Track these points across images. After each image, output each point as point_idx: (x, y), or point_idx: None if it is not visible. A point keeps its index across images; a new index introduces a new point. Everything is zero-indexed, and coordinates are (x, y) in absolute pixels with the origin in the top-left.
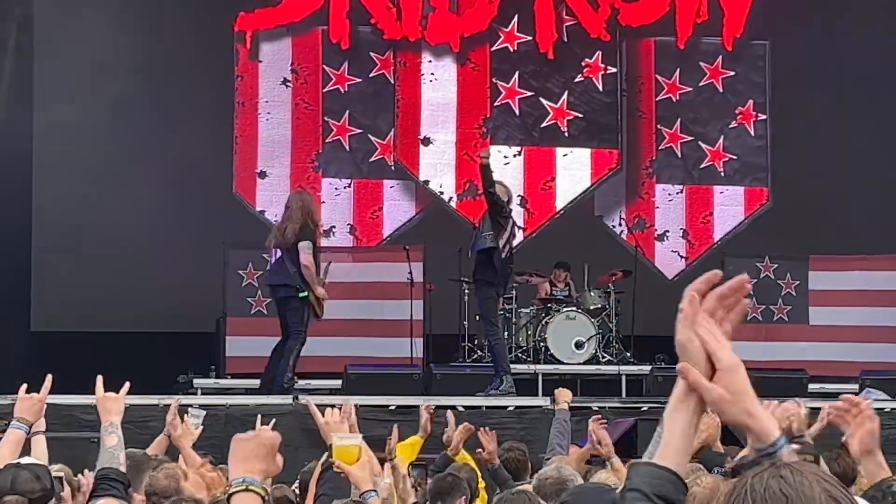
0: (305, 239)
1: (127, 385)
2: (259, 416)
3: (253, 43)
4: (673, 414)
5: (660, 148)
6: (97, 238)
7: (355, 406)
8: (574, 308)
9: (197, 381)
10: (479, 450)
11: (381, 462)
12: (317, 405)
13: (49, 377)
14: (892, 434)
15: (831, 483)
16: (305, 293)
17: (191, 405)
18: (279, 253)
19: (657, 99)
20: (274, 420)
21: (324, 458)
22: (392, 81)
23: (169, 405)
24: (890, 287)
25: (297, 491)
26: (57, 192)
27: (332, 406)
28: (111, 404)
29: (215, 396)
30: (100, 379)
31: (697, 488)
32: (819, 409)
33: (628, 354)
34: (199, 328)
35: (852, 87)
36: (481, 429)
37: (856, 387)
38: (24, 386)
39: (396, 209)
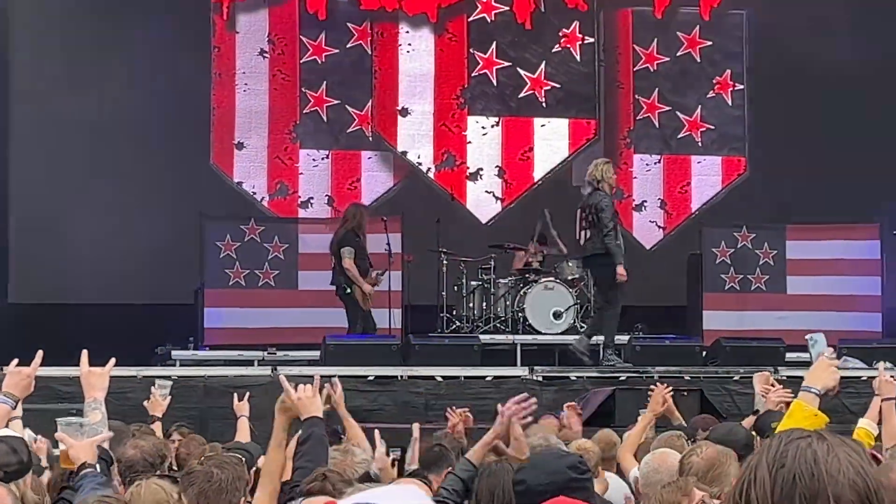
0: (346, 245)
1: (112, 361)
2: (235, 393)
3: (230, 14)
4: None
5: (637, 118)
6: (75, 210)
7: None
8: (552, 278)
9: (175, 353)
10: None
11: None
12: (296, 375)
13: (39, 353)
14: (870, 402)
15: (863, 472)
16: (350, 290)
17: (158, 377)
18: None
19: (635, 69)
20: (248, 393)
21: (300, 432)
22: (369, 52)
23: (148, 377)
24: (866, 256)
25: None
26: (34, 163)
27: (313, 377)
28: (96, 380)
29: (193, 368)
30: (85, 353)
31: (695, 458)
32: (798, 377)
33: None
34: (177, 300)
35: (829, 55)
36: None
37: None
38: (16, 360)
39: (374, 180)
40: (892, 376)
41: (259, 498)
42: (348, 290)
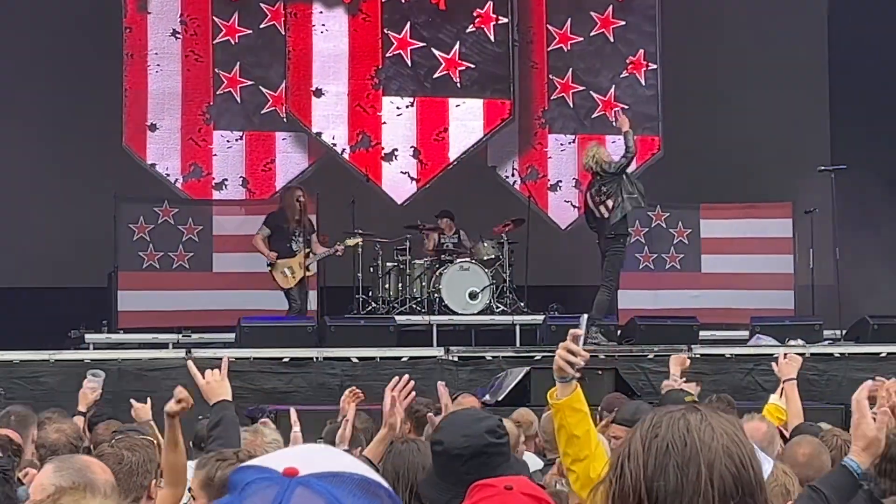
0: (264, 223)
1: None
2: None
3: None
4: None
5: (552, 98)
6: None
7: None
8: (468, 259)
9: (88, 336)
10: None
11: None
12: (218, 358)
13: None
14: None
15: (737, 440)
16: (269, 266)
17: (91, 368)
18: None
19: (549, 49)
20: (149, 399)
21: (212, 416)
22: (283, 32)
23: (60, 361)
24: (779, 234)
25: (192, 444)
26: None
27: (220, 358)
28: None
29: (107, 351)
30: None
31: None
32: (711, 355)
33: (522, 304)
34: (90, 283)
35: (741, 35)
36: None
37: (746, 334)
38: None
39: (289, 161)
40: (794, 354)
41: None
42: (269, 265)
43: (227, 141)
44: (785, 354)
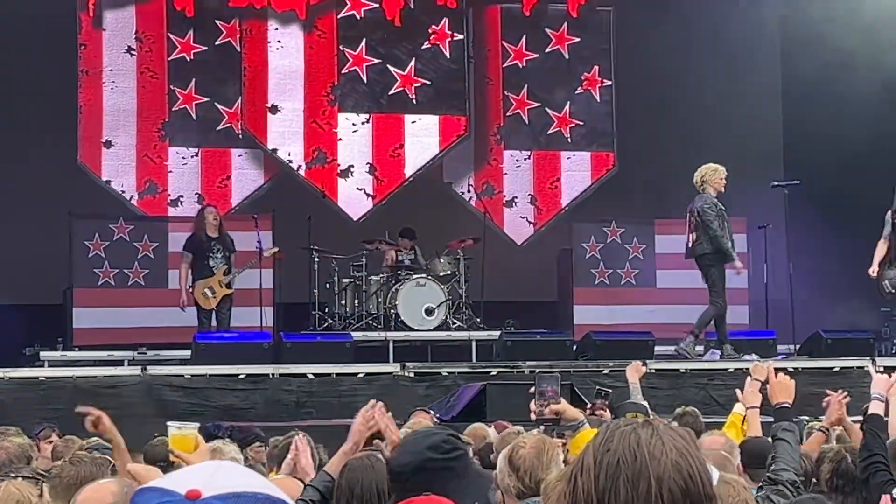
0: (184, 248)
1: None
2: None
3: (96, 11)
4: None
5: (507, 114)
6: None
7: None
8: (424, 275)
9: (44, 354)
10: None
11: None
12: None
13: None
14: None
15: (686, 453)
16: (190, 288)
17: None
18: None
19: (504, 65)
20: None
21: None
22: (238, 49)
23: (15, 378)
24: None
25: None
26: None
27: (184, 376)
28: None
29: (62, 368)
30: None
31: (523, 450)
32: (665, 370)
33: (478, 320)
34: (45, 300)
35: (695, 52)
36: None
37: (700, 349)
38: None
39: (245, 178)
40: (759, 364)
41: None
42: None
43: (183, 157)
44: (750, 375)
